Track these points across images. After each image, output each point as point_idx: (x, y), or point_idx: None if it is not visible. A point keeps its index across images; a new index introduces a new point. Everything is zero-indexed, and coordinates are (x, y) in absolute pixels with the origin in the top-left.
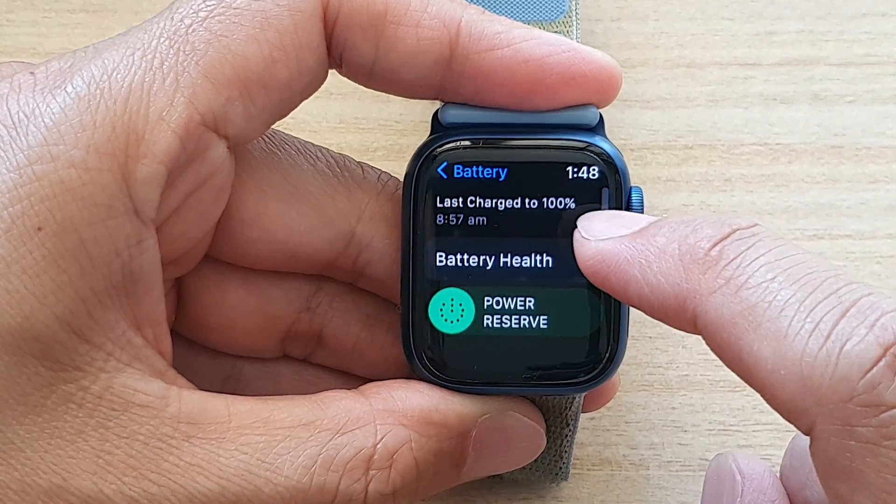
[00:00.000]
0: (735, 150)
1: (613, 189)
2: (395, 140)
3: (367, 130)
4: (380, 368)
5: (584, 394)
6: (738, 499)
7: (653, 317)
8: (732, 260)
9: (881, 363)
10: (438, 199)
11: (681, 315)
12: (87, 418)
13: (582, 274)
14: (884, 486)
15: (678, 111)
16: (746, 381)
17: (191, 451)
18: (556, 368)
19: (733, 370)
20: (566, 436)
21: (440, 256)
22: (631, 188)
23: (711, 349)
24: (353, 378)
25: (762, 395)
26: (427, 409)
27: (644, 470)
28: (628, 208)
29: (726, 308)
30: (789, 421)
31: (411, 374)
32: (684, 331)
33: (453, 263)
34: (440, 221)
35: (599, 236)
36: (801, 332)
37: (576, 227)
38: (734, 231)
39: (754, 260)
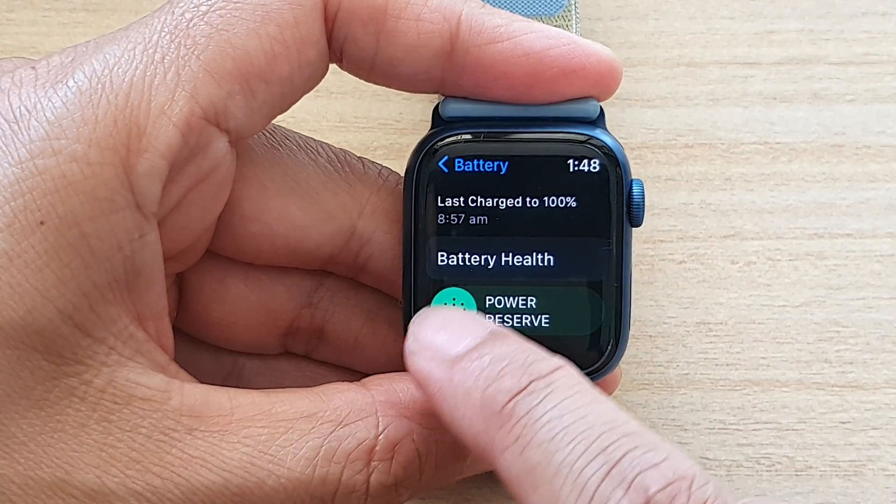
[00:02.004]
0: (735, 149)
1: (615, 182)
2: (395, 139)
3: (368, 129)
4: (381, 363)
5: None
6: None
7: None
8: (522, 418)
9: None
10: (440, 193)
11: (487, 460)
12: (90, 412)
13: (583, 272)
14: None
15: (678, 110)
16: None
17: (193, 444)
18: None
19: None
20: None
21: (441, 253)
22: (632, 181)
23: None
24: (355, 374)
25: None
26: None
27: None
28: (629, 201)
29: (514, 467)
30: None
31: None
32: None
33: (455, 261)
34: (441, 216)
35: (423, 352)
36: (570, 497)
37: (406, 332)
38: (530, 383)
39: (540, 417)
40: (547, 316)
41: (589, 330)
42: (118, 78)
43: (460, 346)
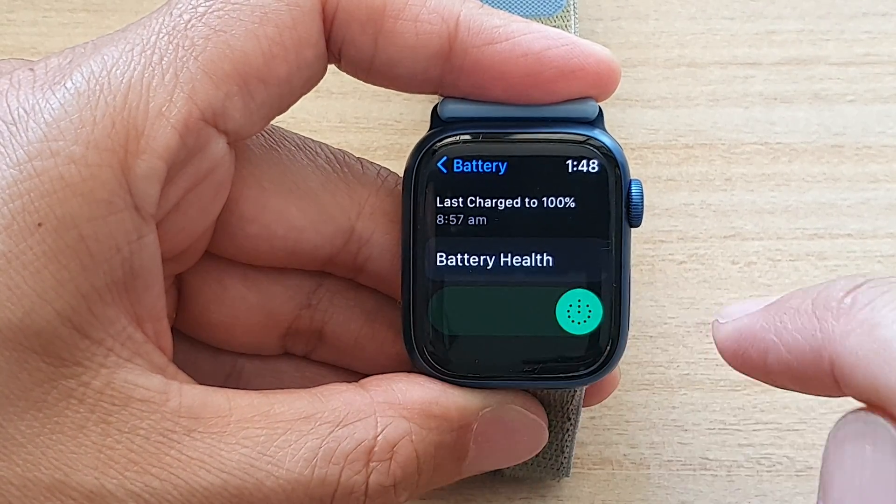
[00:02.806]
0: (735, 150)
1: (613, 182)
2: (395, 139)
3: (368, 130)
4: (380, 364)
5: (584, 387)
6: None
7: (795, 387)
8: (866, 305)
9: None
10: (438, 193)
11: (819, 367)
12: (89, 413)
13: (582, 272)
14: None
15: (679, 110)
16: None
17: (192, 445)
18: (556, 362)
19: (871, 406)
20: (567, 430)
21: (440, 253)
22: (631, 181)
23: (849, 392)
24: (354, 374)
25: None
26: (428, 401)
27: (645, 469)
28: (628, 201)
29: (861, 348)
30: None
31: (412, 370)
32: (826, 392)
33: (453, 261)
34: (440, 216)
35: (735, 316)
36: None
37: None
38: (867, 281)
39: (889, 302)
40: (546, 313)
41: (588, 330)
42: (116, 79)
43: (770, 300)
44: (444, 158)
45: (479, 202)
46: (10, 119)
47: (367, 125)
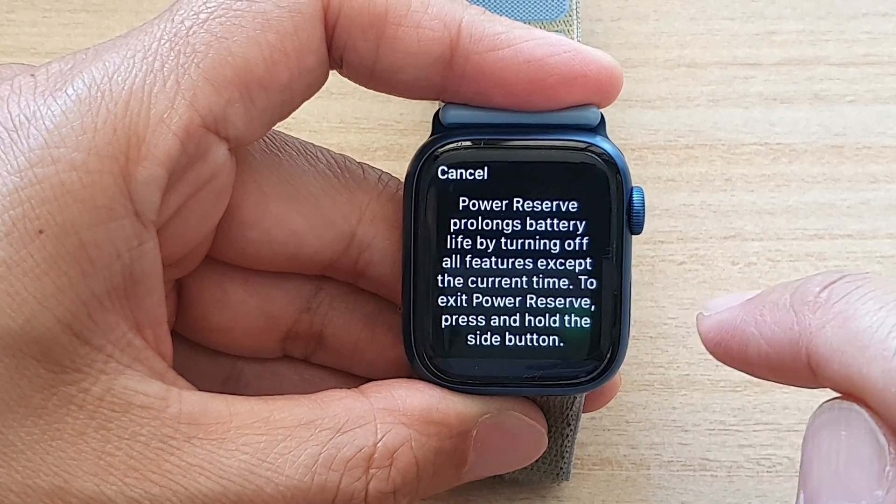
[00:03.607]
0: (735, 150)
1: (615, 189)
2: (395, 140)
3: (368, 130)
4: (380, 368)
5: (585, 393)
6: (889, 468)
7: (775, 378)
8: (841, 298)
9: None
10: (440, 199)
11: (797, 359)
12: (88, 420)
13: (582, 277)
14: None
15: (678, 111)
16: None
17: (192, 452)
18: (556, 369)
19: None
20: (567, 435)
21: (441, 259)
22: (632, 188)
23: (826, 384)
24: (354, 378)
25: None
26: (427, 408)
27: (645, 470)
28: (630, 208)
29: (835, 339)
30: None
31: (412, 375)
32: (806, 384)
33: (454, 267)
34: (441, 222)
35: (718, 309)
36: None
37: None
38: (844, 276)
39: (862, 296)
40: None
41: (588, 337)
42: (117, 86)
43: (751, 294)
44: (446, 164)
45: (481, 208)
46: (12, 125)
47: (366, 126)
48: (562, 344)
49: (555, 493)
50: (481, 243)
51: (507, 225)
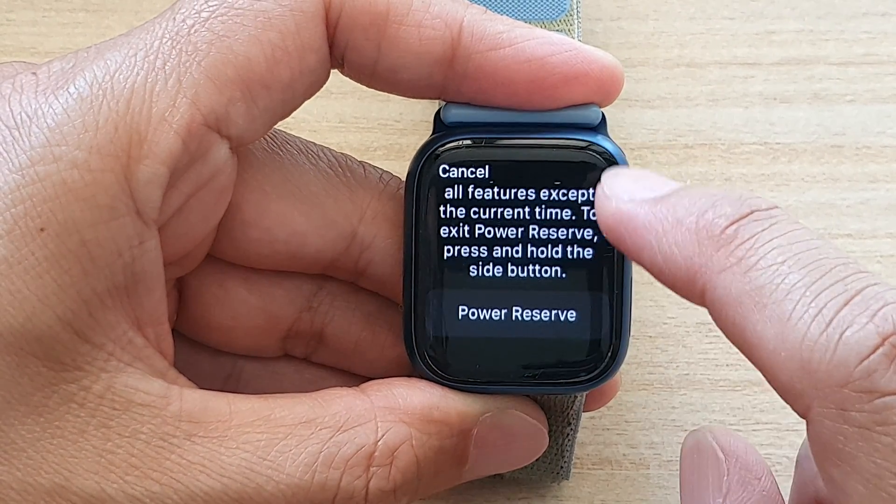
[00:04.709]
0: (735, 150)
1: None
2: (395, 139)
3: (368, 130)
4: (380, 368)
5: (585, 392)
6: (725, 478)
7: (662, 283)
8: (746, 241)
9: (878, 352)
10: (440, 198)
11: (690, 288)
12: (89, 418)
13: (583, 276)
14: (875, 471)
15: (678, 110)
16: (749, 360)
17: (192, 450)
18: (557, 367)
19: (737, 347)
20: (567, 434)
21: (442, 258)
22: None
23: (717, 324)
24: (354, 377)
25: (763, 375)
26: (428, 406)
27: (644, 469)
28: None
29: (734, 287)
30: (787, 402)
31: (412, 374)
32: (691, 301)
33: (455, 266)
34: (442, 221)
35: (622, 196)
36: (805, 316)
37: (599, 181)
38: (752, 212)
39: (767, 242)
40: (548, 319)
41: (589, 336)
42: (119, 84)
43: (663, 190)
44: (447, 163)
45: (481, 207)
46: (13, 123)
47: (366, 125)
48: (562, 342)
49: (554, 493)
50: (482, 242)
51: (508, 223)
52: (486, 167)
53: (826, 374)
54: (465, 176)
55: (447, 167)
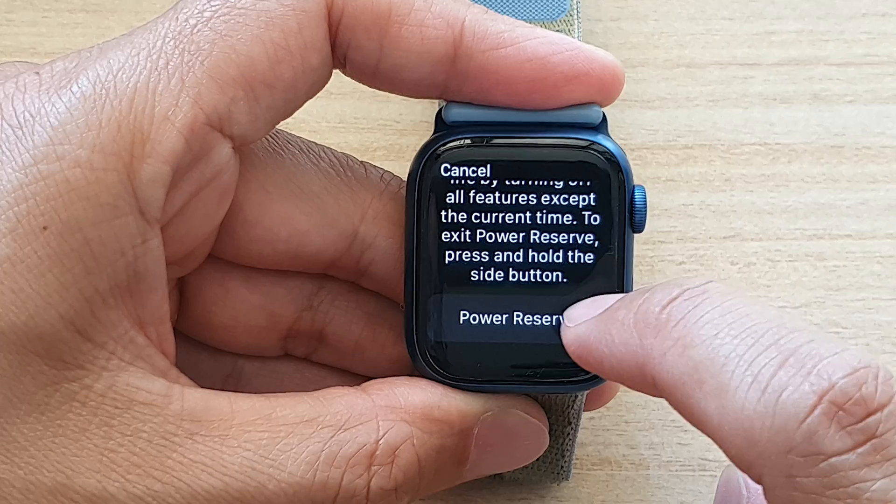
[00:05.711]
0: (735, 150)
1: (616, 188)
2: (395, 140)
3: (367, 130)
4: (381, 367)
5: (586, 392)
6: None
7: (629, 387)
8: (680, 320)
9: (817, 411)
10: (442, 197)
11: (642, 380)
12: (91, 416)
13: (584, 275)
14: None
15: (678, 111)
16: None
17: (194, 449)
18: (558, 367)
19: (693, 426)
20: (568, 434)
21: (443, 257)
22: (634, 187)
23: (673, 408)
24: (355, 377)
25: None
26: (429, 405)
27: (644, 470)
28: (631, 207)
29: (676, 367)
30: (742, 472)
31: (413, 374)
32: (651, 395)
33: (456, 265)
34: (443, 220)
35: (578, 320)
36: (741, 385)
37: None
38: (684, 291)
39: (700, 318)
40: (549, 321)
41: None
42: (122, 84)
43: (609, 302)
44: (448, 163)
45: (482, 211)
46: (16, 123)
47: (366, 126)
48: (563, 344)
49: (554, 493)
50: (483, 241)
51: (509, 223)
52: (488, 166)
53: (769, 441)
54: (467, 175)
55: (448, 166)
